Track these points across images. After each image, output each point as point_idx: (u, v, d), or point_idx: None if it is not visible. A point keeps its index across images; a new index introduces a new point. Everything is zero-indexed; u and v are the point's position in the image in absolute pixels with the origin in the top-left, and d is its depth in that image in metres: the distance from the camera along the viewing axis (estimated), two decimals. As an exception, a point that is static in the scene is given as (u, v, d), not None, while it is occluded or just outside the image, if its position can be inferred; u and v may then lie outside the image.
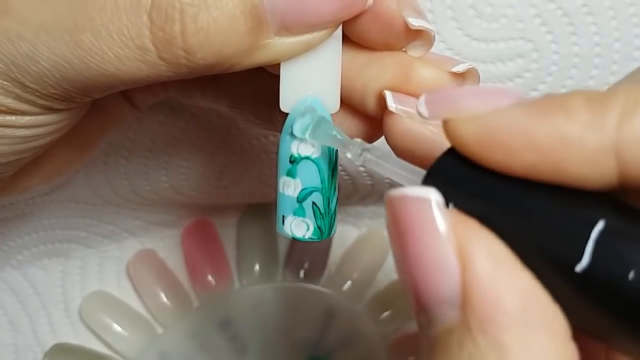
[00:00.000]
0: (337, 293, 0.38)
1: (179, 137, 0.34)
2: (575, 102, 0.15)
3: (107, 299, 0.38)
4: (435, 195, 0.15)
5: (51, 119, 0.22)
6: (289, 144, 0.22)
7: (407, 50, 0.22)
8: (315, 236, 0.22)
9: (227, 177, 0.36)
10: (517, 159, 0.15)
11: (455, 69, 0.21)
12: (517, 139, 0.15)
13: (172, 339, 0.38)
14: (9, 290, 0.39)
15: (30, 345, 0.38)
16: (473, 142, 0.16)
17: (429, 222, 0.15)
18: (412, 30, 0.21)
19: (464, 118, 0.16)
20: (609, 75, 0.31)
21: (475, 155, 0.16)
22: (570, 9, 0.30)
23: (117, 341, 0.37)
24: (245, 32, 0.19)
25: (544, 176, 0.15)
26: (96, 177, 0.35)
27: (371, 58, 0.22)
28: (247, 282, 0.39)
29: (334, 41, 0.21)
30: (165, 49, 0.19)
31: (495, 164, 0.15)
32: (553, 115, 0.15)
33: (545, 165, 0.15)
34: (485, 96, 0.16)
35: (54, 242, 0.38)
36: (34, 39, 0.19)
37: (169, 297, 0.38)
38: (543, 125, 0.15)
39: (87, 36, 0.19)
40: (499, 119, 0.15)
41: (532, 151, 0.15)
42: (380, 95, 0.21)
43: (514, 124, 0.15)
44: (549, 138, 0.15)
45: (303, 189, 0.22)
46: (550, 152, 0.15)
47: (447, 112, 0.16)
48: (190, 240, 0.40)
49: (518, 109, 0.15)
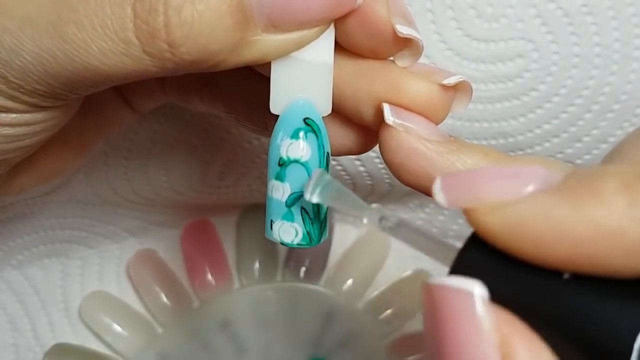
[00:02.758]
0: (337, 293, 0.38)
1: (179, 137, 0.34)
2: (608, 187, 0.14)
3: (107, 299, 0.38)
4: (479, 289, 0.15)
5: (37, 118, 0.21)
6: (278, 147, 0.21)
7: (395, 60, 0.21)
8: (304, 242, 0.22)
9: (227, 177, 0.36)
10: (550, 252, 0.14)
11: (446, 82, 0.21)
12: (549, 231, 0.14)
13: (172, 338, 0.37)
14: (9, 290, 0.39)
15: (30, 345, 0.38)
16: (501, 234, 0.15)
17: (472, 317, 0.15)
18: (401, 39, 0.20)
19: (488, 208, 0.15)
20: (609, 75, 0.31)
21: (504, 247, 0.15)
22: (570, 9, 0.30)
23: (117, 341, 0.37)
24: (231, 28, 0.19)
25: (582, 269, 0.14)
26: (96, 177, 0.35)
27: (362, 67, 0.21)
28: (247, 282, 0.39)
29: (326, 41, 0.21)
30: (149, 42, 0.19)
31: (527, 256, 0.15)
32: (586, 204, 0.14)
33: (582, 258, 0.14)
34: (508, 179, 0.15)
35: (54, 242, 0.38)
36: (19, 31, 0.19)
37: (168, 297, 0.38)
38: (576, 215, 0.14)
39: (70, 28, 0.19)
40: (527, 209, 0.15)
41: (567, 244, 0.14)
42: (374, 105, 0.21)
43: (544, 215, 0.14)
44: (585, 229, 0.14)
45: (292, 193, 0.21)
46: (587, 245, 0.14)
47: (467, 200, 0.16)
48: (189, 240, 0.39)
49: (546, 198, 0.15)
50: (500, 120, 0.33)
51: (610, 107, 0.32)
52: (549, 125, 0.33)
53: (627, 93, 0.32)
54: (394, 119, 0.20)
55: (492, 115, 0.33)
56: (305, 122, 0.21)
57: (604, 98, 0.32)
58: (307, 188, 0.20)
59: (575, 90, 0.32)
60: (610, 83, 0.32)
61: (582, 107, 0.32)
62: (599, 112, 0.32)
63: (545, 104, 0.32)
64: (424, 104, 0.21)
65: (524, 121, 0.33)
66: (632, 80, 0.32)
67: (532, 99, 0.32)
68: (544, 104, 0.32)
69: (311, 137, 0.21)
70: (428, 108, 0.21)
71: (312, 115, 0.21)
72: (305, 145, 0.21)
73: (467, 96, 0.22)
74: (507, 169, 0.16)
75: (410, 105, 0.21)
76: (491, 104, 0.32)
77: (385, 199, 0.38)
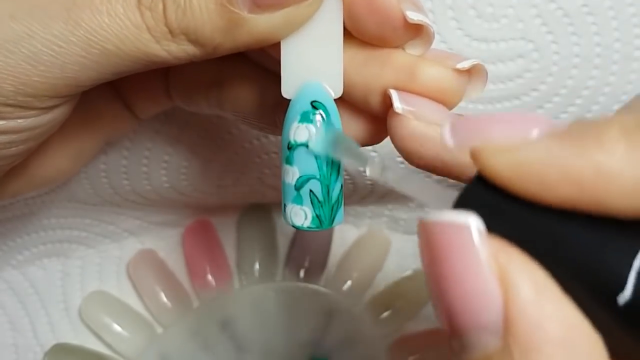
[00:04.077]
0: (337, 293, 0.38)
1: (179, 137, 0.34)
2: (610, 133, 0.15)
3: (107, 298, 0.38)
4: (475, 221, 0.15)
5: (23, 125, 0.21)
6: (288, 130, 0.21)
7: (406, 49, 0.21)
8: (314, 225, 0.22)
9: (227, 177, 0.36)
10: (553, 192, 0.15)
11: (460, 66, 0.21)
12: (553, 173, 0.15)
13: (172, 338, 0.37)
14: (9, 290, 0.39)
15: (30, 345, 0.38)
16: (506, 175, 0.15)
17: (469, 249, 0.15)
18: (411, 25, 0.20)
19: (494, 149, 0.15)
20: (609, 75, 0.31)
21: (508, 187, 0.15)
22: (570, 9, 0.30)
23: (117, 341, 0.37)
24: (219, 10, 0.19)
25: (582, 208, 0.15)
26: (96, 177, 0.35)
27: (372, 55, 0.21)
28: (247, 281, 0.39)
29: (334, 23, 0.21)
30: (154, 27, 0.19)
31: (530, 196, 0.15)
32: (589, 148, 0.15)
33: (583, 199, 0.14)
34: (514, 123, 0.16)
35: (54, 242, 0.38)
36: (28, 17, 0.19)
37: (169, 297, 0.38)
38: (579, 158, 0.14)
39: (86, 13, 0.19)
40: (532, 151, 0.15)
41: (569, 185, 0.14)
42: (384, 93, 0.21)
43: (549, 157, 0.15)
44: (587, 172, 0.14)
45: (300, 177, 0.21)
46: (588, 186, 0.14)
47: (474, 141, 0.16)
48: (190, 240, 0.39)
49: (551, 141, 0.15)
50: (500, 121, 0.33)
51: (611, 107, 0.32)
52: (549, 126, 0.33)
53: (627, 93, 0.32)
54: (403, 107, 0.20)
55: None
56: (312, 105, 0.21)
57: (604, 98, 0.32)
58: (316, 140, 0.20)
59: (575, 91, 0.32)
60: (610, 83, 0.32)
61: (583, 107, 0.32)
62: (599, 112, 0.32)
63: (546, 104, 0.32)
64: (437, 89, 0.21)
65: (524, 121, 0.33)
66: (632, 81, 0.32)
67: (532, 99, 0.32)
68: (544, 104, 0.32)
69: (318, 120, 0.21)
70: (442, 93, 0.21)
71: (320, 97, 0.21)
72: (312, 128, 0.21)
73: (482, 80, 0.22)
74: (514, 114, 0.16)
75: (423, 92, 0.20)
76: (491, 104, 0.32)
77: (386, 199, 0.38)
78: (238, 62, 0.26)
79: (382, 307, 0.38)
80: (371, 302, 0.38)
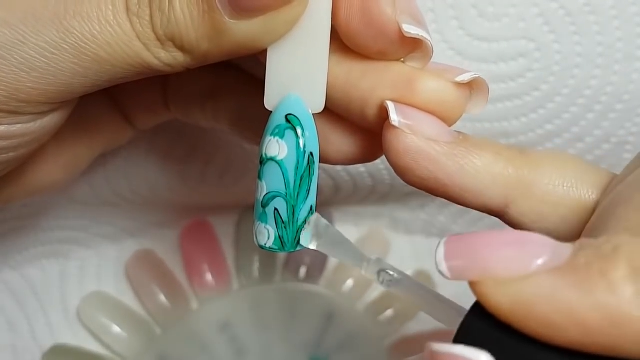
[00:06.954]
0: (337, 294, 0.38)
1: (179, 137, 0.34)
2: (618, 273, 0.14)
3: (105, 299, 0.38)
4: (486, 359, 0.15)
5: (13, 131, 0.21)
6: (261, 144, 0.20)
7: (405, 62, 0.20)
8: (276, 246, 0.21)
9: (227, 177, 0.36)
10: (559, 334, 0.14)
11: (459, 79, 0.20)
12: (558, 315, 0.14)
13: (171, 340, 0.37)
14: (7, 291, 0.38)
15: (28, 347, 0.38)
16: (509, 312, 0.15)
17: None
18: (408, 39, 0.19)
19: (495, 283, 0.15)
20: (611, 75, 0.31)
21: (511, 323, 0.15)
22: (572, 8, 0.30)
23: (115, 342, 0.37)
24: (200, 16, 0.19)
25: (590, 350, 0.14)
26: (95, 177, 0.35)
27: (370, 67, 0.20)
28: (246, 282, 0.38)
29: (320, 37, 0.20)
30: (142, 34, 0.19)
31: (534, 334, 0.15)
32: (596, 288, 0.14)
33: (591, 342, 0.14)
34: (514, 250, 0.15)
35: (53, 242, 0.38)
36: (21, 24, 0.19)
37: (167, 297, 0.38)
38: (586, 300, 0.14)
39: (77, 21, 0.19)
40: (535, 290, 0.14)
41: (576, 328, 0.14)
42: (382, 107, 0.20)
43: (553, 298, 0.14)
44: (594, 315, 0.14)
45: (267, 193, 0.20)
46: (597, 331, 0.14)
47: (473, 273, 0.15)
48: (188, 240, 0.39)
49: (555, 279, 0.14)
50: (502, 121, 0.33)
51: (613, 107, 0.32)
52: (551, 126, 0.33)
53: (629, 93, 0.32)
54: (400, 119, 0.19)
55: (493, 115, 0.32)
56: (286, 118, 0.20)
57: (606, 98, 0.32)
58: (304, 234, 0.19)
59: (577, 90, 0.32)
60: (612, 83, 0.31)
61: (585, 107, 0.32)
62: (601, 112, 0.32)
63: (548, 103, 0.32)
64: (437, 103, 0.20)
65: (526, 121, 0.33)
66: (635, 80, 0.31)
67: (534, 99, 0.32)
68: (546, 104, 0.32)
69: (289, 135, 0.20)
70: (442, 108, 0.20)
71: (296, 112, 0.20)
72: (282, 143, 0.20)
73: (483, 95, 0.21)
74: (514, 236, 0.16)
75: (422, 105, 0.20)
76: (493, 104, 0.32)
77: (386, 199, 0.38)
78: (233, 73, 0.25)
79: (382, 308, 0.38)
80: (371, 303, 0.38)
